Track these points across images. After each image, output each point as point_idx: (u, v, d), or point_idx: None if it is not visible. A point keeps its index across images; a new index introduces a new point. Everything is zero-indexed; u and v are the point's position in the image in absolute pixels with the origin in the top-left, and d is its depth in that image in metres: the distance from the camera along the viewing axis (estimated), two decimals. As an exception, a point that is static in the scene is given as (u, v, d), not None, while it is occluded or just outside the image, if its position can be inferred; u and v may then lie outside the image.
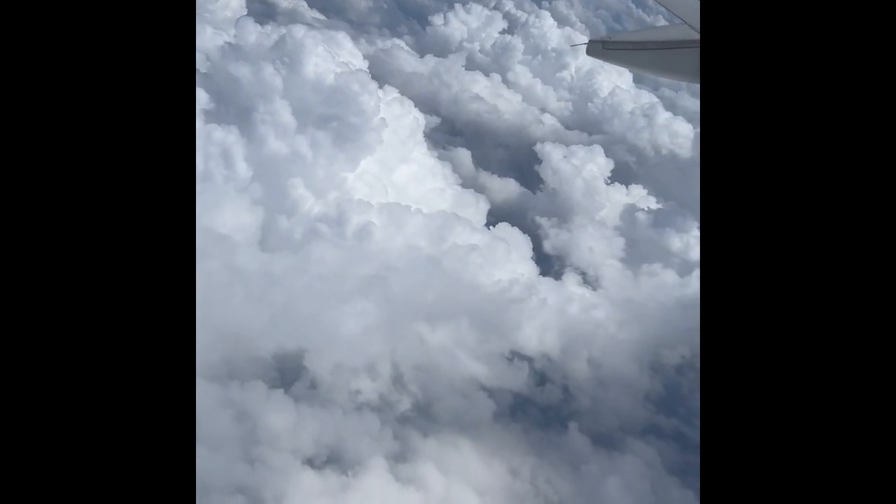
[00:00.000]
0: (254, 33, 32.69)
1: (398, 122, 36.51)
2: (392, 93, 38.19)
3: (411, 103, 38.25)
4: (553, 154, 46.01)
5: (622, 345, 36.76)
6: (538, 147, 46.93)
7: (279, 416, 29.02)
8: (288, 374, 29.40)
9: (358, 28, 64.13)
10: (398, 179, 35.85)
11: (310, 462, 29.53)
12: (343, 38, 35.80)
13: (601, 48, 6.83)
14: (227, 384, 28.76)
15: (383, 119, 33.42)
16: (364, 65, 35.80)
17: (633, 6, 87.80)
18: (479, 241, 32.42)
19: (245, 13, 48.52)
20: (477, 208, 38.07)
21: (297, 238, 29.73)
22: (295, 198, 30.49)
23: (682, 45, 6.39)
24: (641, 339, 37.29)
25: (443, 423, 32.60)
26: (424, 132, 46.38)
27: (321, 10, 64.93)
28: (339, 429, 30.04)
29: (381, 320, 28.45)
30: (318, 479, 29.54)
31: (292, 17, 57.25)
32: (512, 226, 36.16)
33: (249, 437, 28.61)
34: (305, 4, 63.80)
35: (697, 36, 6.17)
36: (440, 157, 43.38)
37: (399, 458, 30.93)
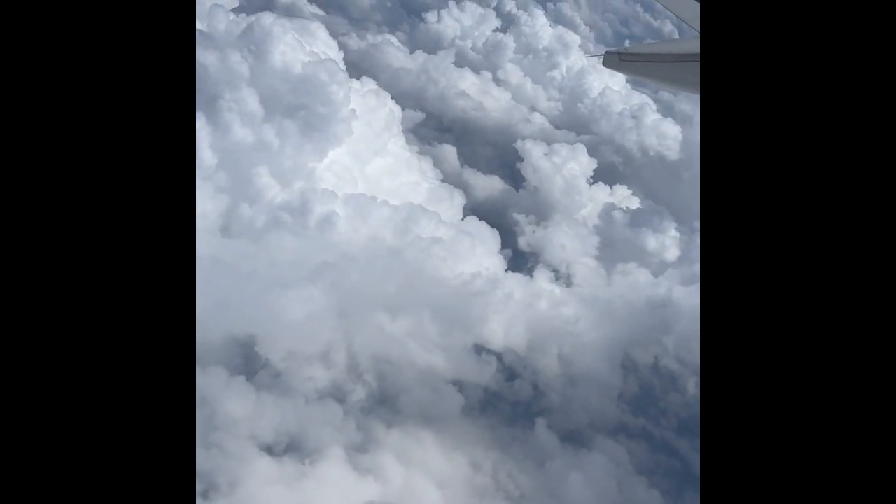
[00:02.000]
0: (224, 21, 32.89)
1: (373, 114, 36.60)
2: (369, 84, 38.32)
3: (388, 95, 38.33)
4: (534, 152, 45.95)
5: (593, 343, 36.62)
6: (519, 144, 46.91)
7: (239, 402, 29.12)
8: (249, 361, 29.57)
9: (356, 24, 64.39)
10: (371, 172, 35.92)
11: (268, 449, 29.61)
12: (317, 28, 35.93)
13: (618, 60, 6.92)
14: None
15: (353, 110, 33.52)
16: (339, 56, 35.89)
17: (640, 10, 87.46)
18: (444, 235, 32.41)
19: (236, 5, 48.86)
20: (452, 203, 38.09)
21: (258, 226, 29.86)
22: (259, 186, 30.64)
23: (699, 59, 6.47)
24: (612, 338, 37.14)
25: (408, 415, 32.62)
26: (409, 127, 46.63)
27: (321, 6, 65.21)
28: (301, 417, 30.15)
29: (338, 309, 28.51)
30: (275, 467, 29.63)
31: (289, 11, 57.45)
32: (480, 220, 36.13)
33: (207, 422, 28.73)
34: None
35: None
36: (421, 152, 43.50)
37: (360, 448, 30.97)
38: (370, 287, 29.41)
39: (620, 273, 39.26)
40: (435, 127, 52.02)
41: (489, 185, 47.85)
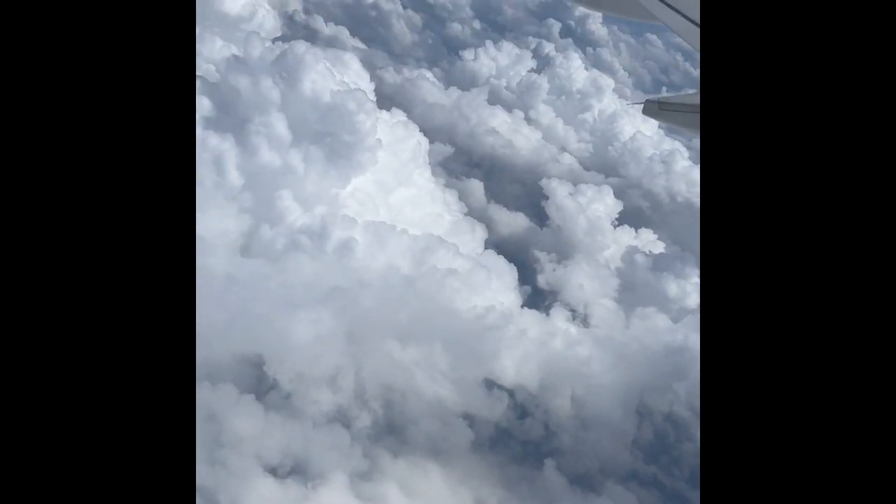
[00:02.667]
0: (259, 48, 33.89)
1: (400, 144, 37.18)
2: (399, 116, 38.97)
3: (416, 127, 38.92)
4: (560, 191, 46.08)
5: (607, 385, 36.16)
6: (544, 182, 47.07)
7: (247, 421, 29.31)
8: (259, 380, 29.80)
9: (396, 58, 65.78)
10: (394, 201, 36.37)
11: (273, 470, 29.67)
12: (350, 59, 36.80)
13: (657, 108, 7.20)
14: (198, 384, 29.32)
15: (380, 140, 34.09)
16: (370, 87, 36.65)
17: (680, 58, 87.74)
18: (461, 267, 32.55)
19: (279, 34, 50.33)
20: (473, 236, 38.29)
21: (277, 248, 30.34)
22: (281, 209, 31.20)
23: None
24: (628, 382, 36.64)
25: (415, 446, 32.46)
26: (437, 161, 47.17)
27: (364, 40, 66.84)
28: (308, 440, 30.20)
29: (348, 334, 28.69)
30: (278, 488, 29.66)
31: (331, 43, 58.98)
32: (499, 254, 36.20)
33: (214, 439, 28.94)
34: (347, 32, 65.74)
35: None
36: (447, 185, 43.91)
37: (364, 475, 30.85)
38: (382, 314, 29.58)
39: (639, 317, 38.88)
40: (464, 162, 52.59)
41: (513, 221, 48.03)
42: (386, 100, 42.41)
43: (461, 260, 33.00)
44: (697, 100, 7.10)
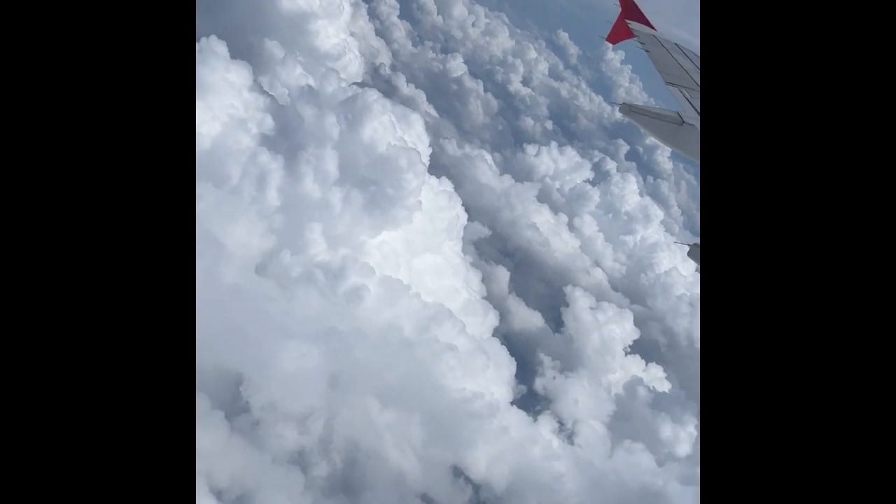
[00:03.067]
0: (334, 85, 34.93)
1: (439, 212, 37.51)
2: (446, 185, 39.46)
3: (460, 201, 39.31)
4: (581, 302, 45.74)
5: (574, 509, 34.85)
6: (569, 290, 46.82)
7: (209, 436, 28.71)
8: (233, 399, 29.33)
9: (463, 133, 67.26)
10: (418, 264, 36.43)
11: (218, 494, 28.88)
12: (416, 120, 37.64)
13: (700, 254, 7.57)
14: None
15: (420, 202, 34.45)
16: (426, 150, 37.32)
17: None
18: (462, 346, 32.16)
19: (359, 80, 51.99)
20: (483, 320, 37.95)
21: (292, 275, 30.44)
22: (307, 240, 31.45)
23: None
24: (595, 511, 35.28)
25: (366, 509, 31.40)
26: (472, 239, 47.41)
27: (437, 108, 68.68)
28: (263, 474, 29.42)
29: (331, 378, 28.29)
30: (216, 514, 28.76)
31: (405, 102, 60.66)
32: (502, 344, 35.74)
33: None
34: (425, 97, 67.68)
35: None
36: (474, 264, 43.95)
37: (305, 526, 29.84)
38: (370, 369, 29.18)
39: (626, 449, 37.67)
40: (497, 248, 52.80)
41: (528, 318, 47.65)
42: (439, 168, 43.11)
43: (464, 339, 32.63)
44: None
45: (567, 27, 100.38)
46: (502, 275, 49.38)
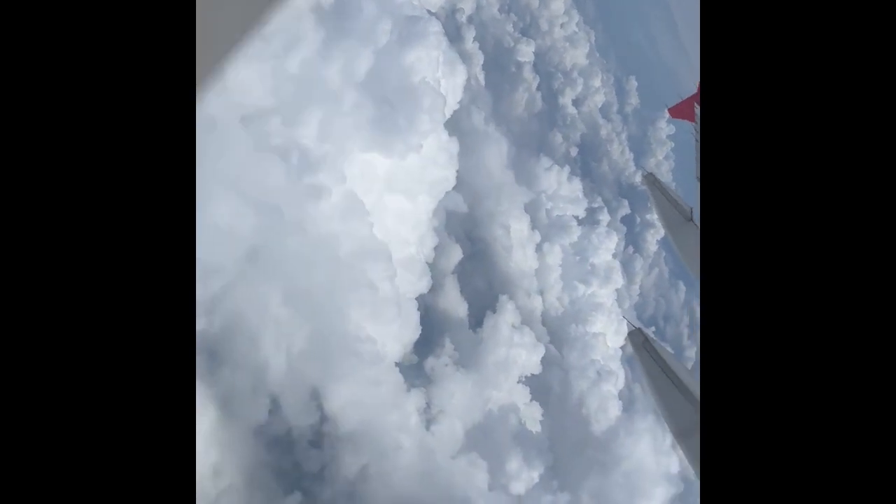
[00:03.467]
0: (405, 4, 34.38)
1: (434, 166, 37.48)
2: (453, 145, 39.21)
3: (456, 166, 39.33)
4: (507, 317, 46.34)
5: (395, 485, 35.57)
6: (503, 299, 47.36)
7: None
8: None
9: (495, 113, 66.81)
10: (388, 200, 36.33)
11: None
12: (460, 73, 37.30)
13: (640, 342, 7.35)
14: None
15: (421, 146, 34.35)
16: (454, 106, 37.09)
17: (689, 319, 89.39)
18: (382, 291, 32.37)
19: (433, 9, 51.18)
20: (414, 281, 38.17)
21: (270, 141, 30.16)
22: (302, 118, 31.14)
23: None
24: (412, 495, 36.11)
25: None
26: (447, 207, 47.24)
27: (486, 78, 67.79)
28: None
29: (251, 251, 28.18)
30: None
31: (461, 54, 59.78)
32: (418, 311, 36.04)
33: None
34: (482, 61, 66.83)
35: None
36: (436, 230, 43.92)
37: None
38: (291, 263, 29.24)
39: (469, 460, 38.51)
40: (465, 228, 52.91)
41: (455, 304, 48.06)
42: (456, 128, 42.79)
43: (388, 287, 32.86)
44: (681, 372, 7.13)
45: (641, 77, 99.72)
46: (455, 253, 49.59)
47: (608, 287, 60.19)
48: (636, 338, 7.15)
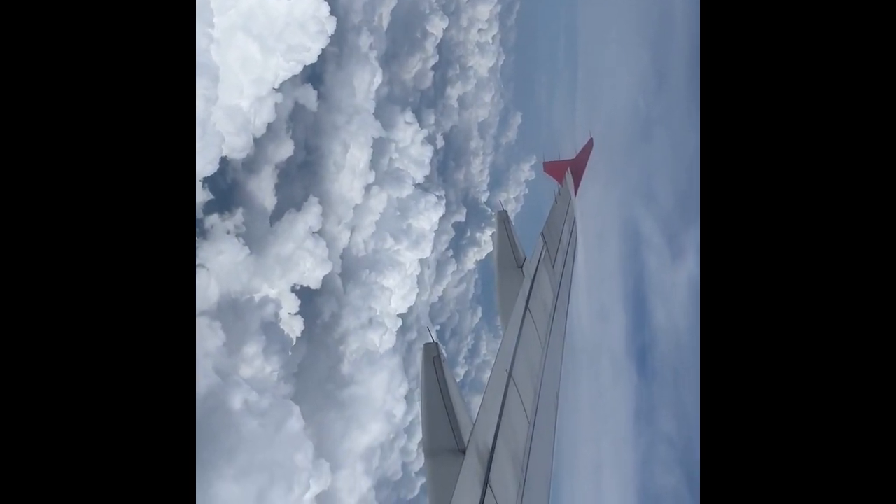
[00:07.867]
0: None
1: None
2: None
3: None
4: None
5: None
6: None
7: None
8: None
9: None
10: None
11: None
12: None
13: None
14: None
15: None
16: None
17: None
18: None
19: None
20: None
21: None
22: None
23: None
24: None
25: None
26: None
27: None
28: None
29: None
30: None
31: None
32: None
33: None
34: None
35: None
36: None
37: None
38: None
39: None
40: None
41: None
42: (338, 20, 41.77)
43: (202, 106, 31.09)
44: (456, 399, 7.11)
45: (527, 118, 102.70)
46: (285, 149, 48.21)
47: (415, 251, 61.01)
48: (430, 351, 7.30)
